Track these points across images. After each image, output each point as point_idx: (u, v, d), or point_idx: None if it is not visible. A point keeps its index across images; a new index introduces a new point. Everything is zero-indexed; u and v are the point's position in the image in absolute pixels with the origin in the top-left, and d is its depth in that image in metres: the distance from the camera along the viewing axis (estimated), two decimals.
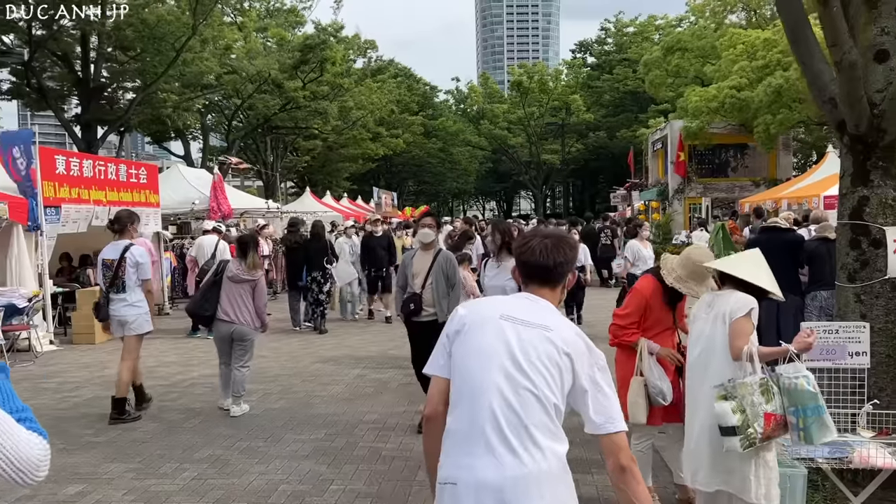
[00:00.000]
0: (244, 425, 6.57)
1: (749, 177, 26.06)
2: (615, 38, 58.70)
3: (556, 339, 2.23)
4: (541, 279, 2.40)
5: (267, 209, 19.63)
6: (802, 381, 3.09)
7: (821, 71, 4.98)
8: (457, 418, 2.23)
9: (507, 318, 2.30)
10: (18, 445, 1.51)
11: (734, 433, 3.12)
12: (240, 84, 31.33)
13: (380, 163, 54.89)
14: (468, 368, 2.27)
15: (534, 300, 2.37)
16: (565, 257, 2.39)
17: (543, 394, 2.17)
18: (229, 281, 6.86)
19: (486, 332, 2.29)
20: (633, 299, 4.48)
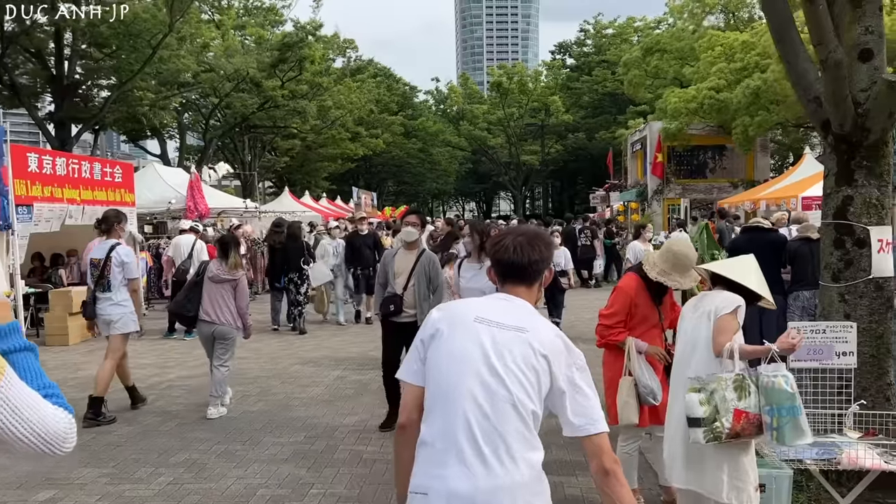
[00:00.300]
0: (222, 428, 6.44)
1: (727, 178, 26.28)
2: (594, 40, 58.97)
3: (532, 340, 2.17)
4: (516, 278, 2.33)
5: (245, 209, 19.41)
6: (781, 380, 3.05)
7: (805, 70, 4.97)
8: (430, 426, 2.16)
9: (482, 321, 2.22)
10: (45, 420, 1.62)
11: (699, 424, 3.10)
12: (217, 82, 30.96)
13: (359, 163, 54.64)
14: (442, 374, 2.19)
15: (509, 300, 2.30)
16: (540, 255, 2.33)
17: (519, 400, 2.10)
18: (210, 281, 6.86)
19: (460, 337, 2.21)
20: (618, 298, 4.42)
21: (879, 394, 4.78)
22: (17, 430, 1.58)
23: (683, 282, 4.20)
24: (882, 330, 4.80)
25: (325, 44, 38.89)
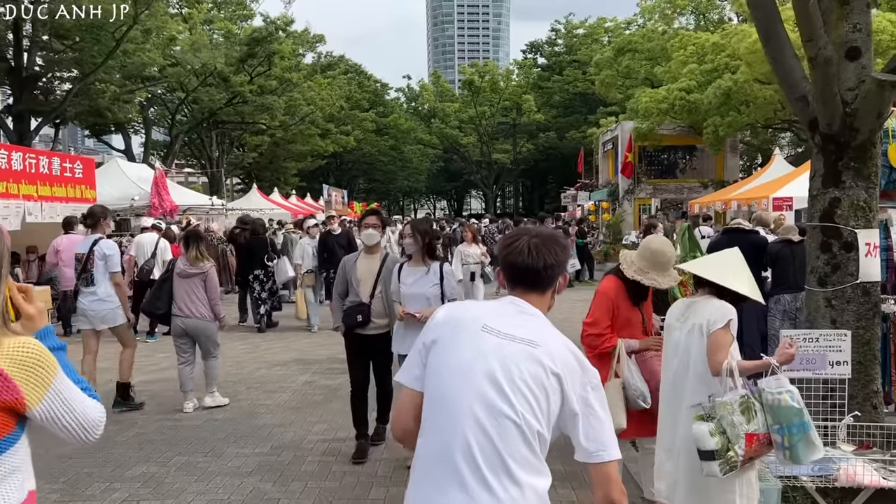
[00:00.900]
0: (182, 438, 6.12)
1: (697, 178, 26.40)
2: (565, 40, 59.06)
3: (543, 356, 1.96)
4: (528, 283, 2.12)
5: (211, 206, 18.95)
6: (786, 396, 2.87)
7: (792, 68, 4.81)
8: (427, 444, 1.99)
9: (489, 330, 2.02)
10: (87, 410, 1.86)
11: (713, 457, 2.88)
12: (184, 77, 30.28)
13: (329, 160, 54.07)
14: (441, 387, 2.00)
15: (520, 307, 2.09)
16: (556, 259, 2.11)
17: (526, 421, 1.90)
18: (178, 277, 6.91)
19: (464, 347, 2.01)
20: (600, 302, 4.22)
21: (867, 402, 4.65)
22: (65, 420, 1.82)
23: (662, 280, 4.04)
24: (869, 336, 4.67)
25: (295, 39, 38.33)
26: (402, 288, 5.24)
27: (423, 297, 5.15)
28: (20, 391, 1.74)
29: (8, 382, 1.72)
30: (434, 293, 5.17)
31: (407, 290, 5.21)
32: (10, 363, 1.73)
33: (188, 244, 7.01)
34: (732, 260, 3.46)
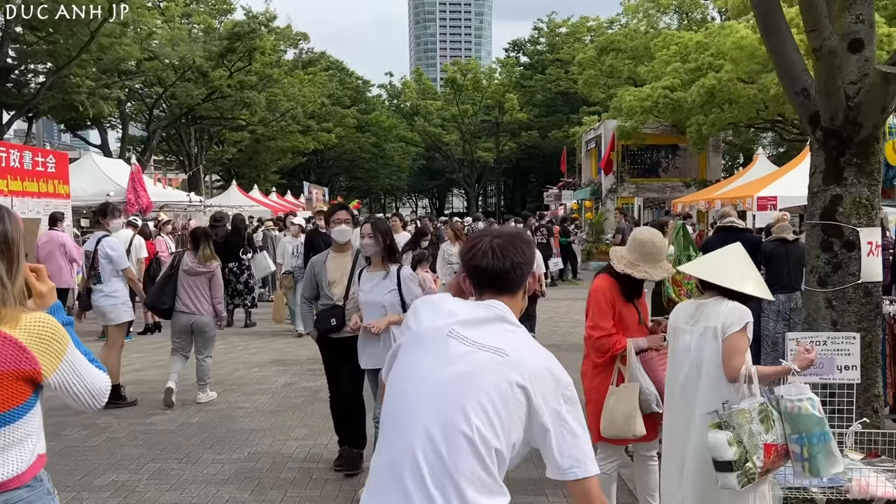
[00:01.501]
0: (156, 443, 5.85)
1: (680, 177, 26.38)
2: (548, 39, 59.04)
3: (510, 366, 1.79)
4: (496, 286, 1.95)
5: (189, 202, 18.58)
6: (807, 404, 2.69)
7: (793, 61, 4.65)
8: (378, 454, 1.87)
9: (456, 336, 1.85)
10: (94, 379, 2.05)
11: (731, 468, 2.69)
12: (162, 71, 29.75)
13: (310, 157, 53.62)
14: (397, 396, 1.88)
15: (496, 311, 1.91)
16: (523, 257, 1.95)
17: (481, 436, 1.73)
18: (185, 274, 6.97)
19: (425, 353, 1.87)
20: (596, 302, 3.99)
21: (867, 406, 4.50)
22: (76, 388, 2.01)
23: (654, 272, 3.86)
24: (871, 338, 4.52)
25: (276, 35, 37.87)
26: (360, 295, 4.84)
27: (378, 306, 4.72)
28: (38, 362, 1.93)
29: (27, 354, 1.91)
30: (391, 301, 4.72)
31: (364, 298, 4.80)
32: (28, 336, 1.92)
33: (199, 243, 7.06)
34: (735, 258, 3.27)
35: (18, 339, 1.90)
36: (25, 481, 1.99)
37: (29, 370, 1.91)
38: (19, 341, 1.90)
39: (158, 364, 8.96)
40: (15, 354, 1.90)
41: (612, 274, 4.00)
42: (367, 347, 4.80)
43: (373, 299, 4.74)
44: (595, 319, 3.87)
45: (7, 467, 1.94)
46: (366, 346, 4.80)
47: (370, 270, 4.86)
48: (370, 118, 59.93)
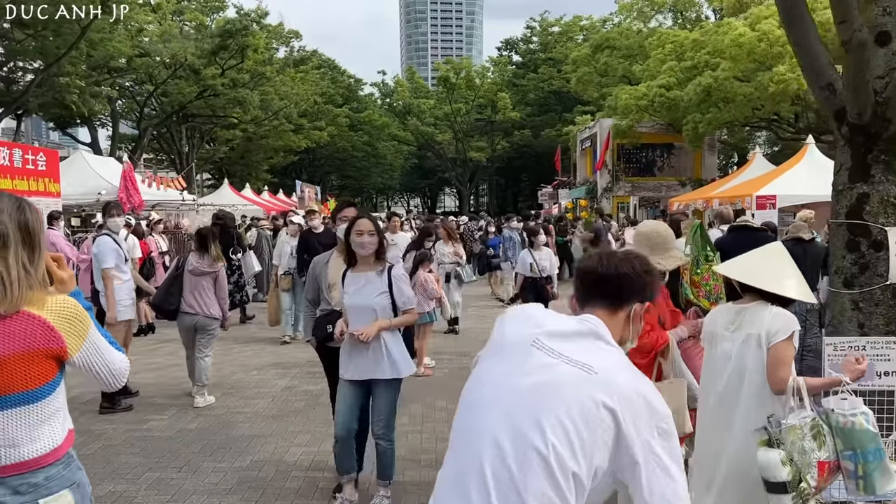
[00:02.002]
0: (154, 451, 5.64)
1: (675, 176, 26.33)
2: (540, 38, 58.94)
3: (597, 385, 1.62)
4: (595, 294, 1.81)
5: (182, 201, 18.32)
6: (861, 419, 2.52)
7: (818, 53, 4.49)
8: (446, 463, 1.75)
9: (541, 346, 1.69)
10: (115, 359, 2.20)
11: (785, 490, 2.50)
12: (153, 68, 29.41)
13: (302, 155, 53.29)
14: (467, 404, 1.76)
15: (590, 325, 1.75)
16: (632, 270, 1.80)
17: (557, 456, 1.56)
18: (190, 274, 6.98)
19: (504, 359, 1.73)
20: None
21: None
22: (98, 367, 2.14)
23: (666, 262, 3.72)
24: None
25: (269, 33, 37.57)
26: (345, 298, 4.34)
27: (368, 310, 4.25)
28: (64, 341, 2.06)
29: (54, 333, 2.04)
30: (382, 304, 4.27)
31: (349, 301, 4.31)
32: (54, 317, 2.05)
33: (207, 243, 7.11)
34: (773, 258, 3.10)
35: (46, 319, 2.04)
36: (59, 457, 2.10)
37: (56, 349, 2.05)
38: (47, 321, 2.04)
39: (153, 366, 8.75)
40: (44, 334, 2.03)
41: None
42: (353, 357, 4.31)
43: (361, 302, 4.26)
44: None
45: (41, 442, 2.05)
46: (352, 355, 4.31)
47: (356, 270, 4.37)
48: (362, 117, 59.67)
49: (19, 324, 2.00)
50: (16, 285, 2.02)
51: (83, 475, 2.20)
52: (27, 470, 2.03)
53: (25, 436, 2.03)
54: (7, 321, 2.00)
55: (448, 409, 6.84)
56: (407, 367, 4.39)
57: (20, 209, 2.11)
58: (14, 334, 1.99)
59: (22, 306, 2.02)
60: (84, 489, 2.18)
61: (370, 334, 4.15)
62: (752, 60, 19.54)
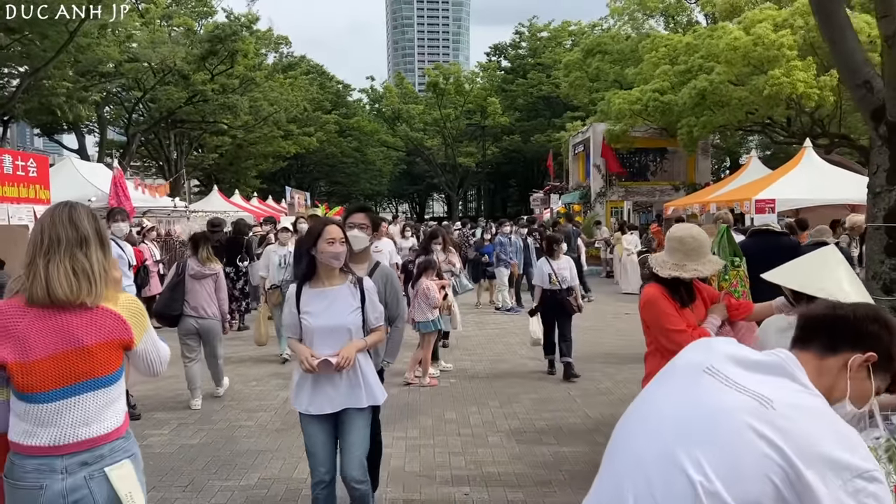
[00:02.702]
0: (155, 468, 5.37)
1: (668, 181, 26.23)
2: (529, 43, 58.97)
3: (772, 421, 1.40)
4: (806, 336, 1.63)
5: (174, 208, 18.01)
6: None
7: (853, 50, 4.34)
8: (591, 489, 1.66)
9: (714, 372, 1.52)
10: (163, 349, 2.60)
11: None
12: (141, 74, 29.05)
13: (291, 161, 52.96)
14: (623, 428, 1.65)
15: (783, 362, 1.53)
16: (853, 314, 1.62)
17: (709, 490, 1.36)
18: (192, 278, 7.07)
19: (670, 383, 1.61)
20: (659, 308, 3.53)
21: None
22: (153, 355, 2.52)
23: (703, 268, 3.51)
24: None
25: (258, 38, 37.28)
26: (307, 320, 3.64)
27: (343, 331, 3.64)
28: (132, 332, 2.38)
29: (126, 326, 2.36)
30: (357, 322, 3.67)
31: (316, 322, 3.62)
32: (127, 312, 2.37)
33: (198, 246, 7.20)
34: (827, 262, 2.91)
35: (120, 314, 2.36)
36: (122, 433, 2.39)
37: (128, 339, 2.37)
38: (121, 315, 2.36)
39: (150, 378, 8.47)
40: (120, 326, 2.35)
41: (660, 281, 3.65)
42: (322, 386, 3.64)
43: (333, 323, 3.63)
44: (665, 325, 3.47)
45: (111, 420, 2.34)
46: (320, 384, 3.64)
47: (316, 286, 3.71)
48: (351, 122, 59.41)
49: (101, 317, 2.32)
50: (100, 280, 2.34)
51: (138, 447, 2.49)
52: (95, 445, 2.30)
53: (97, 415, 2.31)
54: (91, 314, 2.30)
55: (458, 420, 6.64)
56: (381, 393, 3.84)
57: (93, 217, 2.44)
58: (98, 326, 2.30)
59: (102, 300, 2.33)
60: (139, 460, 2.47)
61: (352, 358, 3.57)
62: (746, 64, 19.48)
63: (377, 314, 3.81)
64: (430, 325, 8.19)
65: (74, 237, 2.34)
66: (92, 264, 2.32)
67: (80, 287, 2.29)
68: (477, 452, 5.70)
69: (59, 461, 2.23)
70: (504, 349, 10.30)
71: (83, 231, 2.35)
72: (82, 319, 2.28)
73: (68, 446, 2.24)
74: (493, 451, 5.74)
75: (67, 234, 2.34)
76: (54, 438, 2.23)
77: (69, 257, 2.30)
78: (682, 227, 3.75)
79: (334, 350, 3.59)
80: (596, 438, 6.03)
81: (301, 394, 3.71)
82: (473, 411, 6.96)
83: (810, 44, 18.85)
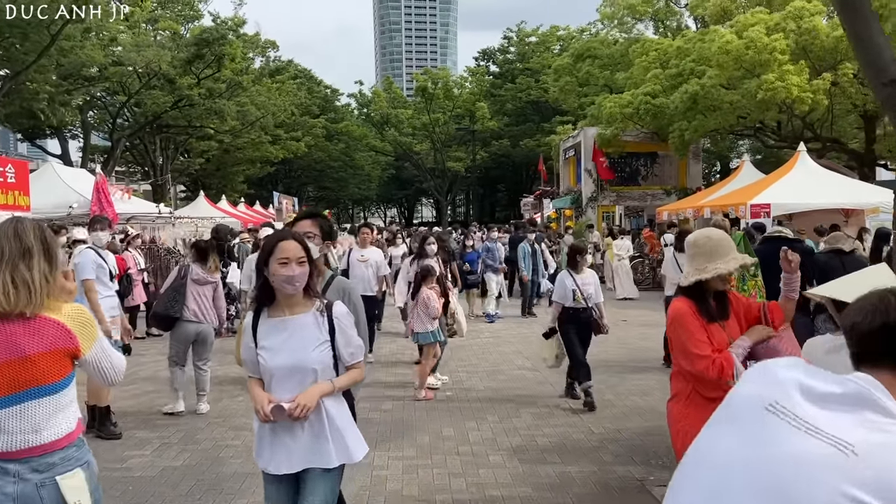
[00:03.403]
0: (138, 495, 5.04)
1: (660, 185, 26.11)
2: (517, 48, 58.91)
3: (853, 472, 1.13)
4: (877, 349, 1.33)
5: (159, 214, 17.62)
6: None
7: (881, 47, 4.08)
8: None
9: (778, 410, 1.23)
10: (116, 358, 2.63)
11: None
12: (126, 77, 28.58)
13: (278, 166, 52.56)
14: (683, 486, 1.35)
15: (858, 387, 1.24)
16: None
17: None
18: (195, 283, 7.14)
19: (731, 429, 1.30)
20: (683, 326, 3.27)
21: None
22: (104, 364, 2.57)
23: (726, 265, 3.27)
24: None
25: (245, 42, 36.89)
26: (263, 357, 2.96)
27: (305, 372, 2.94)
28: (78, 341, 2.44)
29: (70, 335, 2.42)
30: (323, 360, 2.97)
31: (274, 361, 2.94)
32: (70, 321, 2.43)
33: (206, 254, 7.28)
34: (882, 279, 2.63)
35: (64, 323, 2.40)
36: (73, 440, 2.44)
37: (73, 348, 2.42)
38: (65, 324, 2.40)
39: (133, 393, 8.13)
40: (63, 335, 2.39)
41: (686, 293, 3.39)
42: (280, 438, 2.94)
43: (292, 361, 2.93)
44: (689, 347, 3.19)
45: (62, 426, 2.40)
46: (279, 436, 2.94)
47: (276, 314, 3.02)
48: (339, 127, 59.10)
49: (42, 326, 2.36)
50: (39, 291, 2.37)
51: (91, 456, 2.52)
52: (46, 452, 2.35)
53: (46, 422, 2.36)
54: (32, 324, 2.35)
55: (456, 437, 6.34)
56: (359, 447, 3.05)
57: (41, 229, 2.52)
58: (40, 335, 2.35)
59: (43, 310, 2.37)
60: (92, 468, 2.50)
61: (310, 406, 2.85)
62: (738, 68, 19.37)
63: (353, 348, 3.03)
64: (429, 336, 7.90)
65: (18, 249, 2.42)
66: (33, 275, 2.38)
67: (19, 297, 2.34)
68: (478, 473, 5.40)
69: (12, 465, 2.32)
70: (499, 359, 10.01)
71: (27, 243, 2.43)
72: (23, 329, 2.34)
73: (19, 452, 2.33)
74: (494, 471, 5.44)
75: (11, 246, 2.42)
76: (4, 444, 2.32)
77: (10, 269, 2.38)
78: (700, 231, 3.53)
79: (295, 393, 2.88)
80: (603, 457, 5.74)
81: (262, 447, 3.00)
82: (472, 427, 6.66)
83: (802, 48, 18.78)
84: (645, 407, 7.35)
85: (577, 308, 7.34)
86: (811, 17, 18.49)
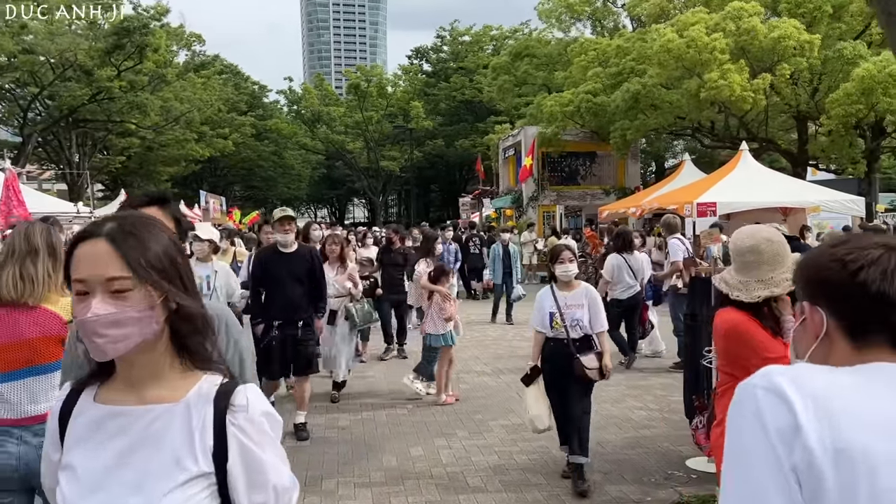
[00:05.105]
0: None
1: (599, 185, 26.10)
2: (451, 47, 58.62)
3: None
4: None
5: (77, 213, 16.35)
6: None
7: None
8: None
9: None
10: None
11: None
12: (38, 67, 26.70)
13: (204, 165, 50.58)
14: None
15: None
16: None
17: None
18: None
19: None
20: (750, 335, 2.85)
21: None
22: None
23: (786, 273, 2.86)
24: None
25: (169, 34, 35.17)
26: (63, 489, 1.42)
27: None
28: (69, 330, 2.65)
29: (63, 323, 2.78)
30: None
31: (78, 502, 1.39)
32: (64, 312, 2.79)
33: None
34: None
35: (59, 314, 2.81)
36: None
37: (64, 335, 2.72)
38: (59, 315, 2.81)
39: None
40: (57, 323, 2.79)
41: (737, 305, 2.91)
42: None
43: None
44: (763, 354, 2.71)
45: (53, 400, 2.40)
46: None
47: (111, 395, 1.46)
48: (268, 125, 57.45)
49: (41, 315, 2.77)
50: (42, 284, 2.79)
51: None
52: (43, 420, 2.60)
53: (44, 395, 2.78)
54: (33, 312, 2.76)
55: (426, 457, 5.77)
56: None
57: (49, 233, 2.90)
58: (39, 322, 2.76)
59: (43, 301, 2.78)
60: None
61: None
62: (678, 67, 19.40)
63: (266, 496, 1.43)
64: (440, 339, 7.42)
65: (26, 248, 2.81)
66: (38, 271, 2.78)
67: (24, 289, 2.74)
68: (459, 501, 4.80)
69: (16, 430, 2.73)
70: (460, 366, 9.43)
71: (34, 244, 2.82)
72: (25, 316, 2.74)
73: (22, 420, 2.75)
74: (476, 498, 4.86)
75: (21, 246, 2.81)
76: (8, 412, 2.75)
77: (19, 265, 2.76)
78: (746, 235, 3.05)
79: None
80: (590, 476, 5.23)
81: None
82: (442, 445, 6.06)
83: (741, 48, 18.93)
84: (620, 416, 6.92)
85: (559, 339, 5.08)
86: (749, 17, 18.67)
